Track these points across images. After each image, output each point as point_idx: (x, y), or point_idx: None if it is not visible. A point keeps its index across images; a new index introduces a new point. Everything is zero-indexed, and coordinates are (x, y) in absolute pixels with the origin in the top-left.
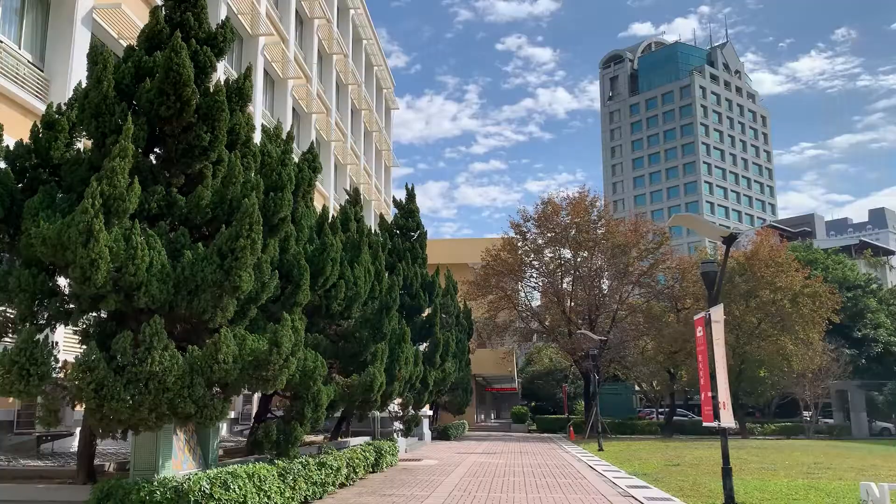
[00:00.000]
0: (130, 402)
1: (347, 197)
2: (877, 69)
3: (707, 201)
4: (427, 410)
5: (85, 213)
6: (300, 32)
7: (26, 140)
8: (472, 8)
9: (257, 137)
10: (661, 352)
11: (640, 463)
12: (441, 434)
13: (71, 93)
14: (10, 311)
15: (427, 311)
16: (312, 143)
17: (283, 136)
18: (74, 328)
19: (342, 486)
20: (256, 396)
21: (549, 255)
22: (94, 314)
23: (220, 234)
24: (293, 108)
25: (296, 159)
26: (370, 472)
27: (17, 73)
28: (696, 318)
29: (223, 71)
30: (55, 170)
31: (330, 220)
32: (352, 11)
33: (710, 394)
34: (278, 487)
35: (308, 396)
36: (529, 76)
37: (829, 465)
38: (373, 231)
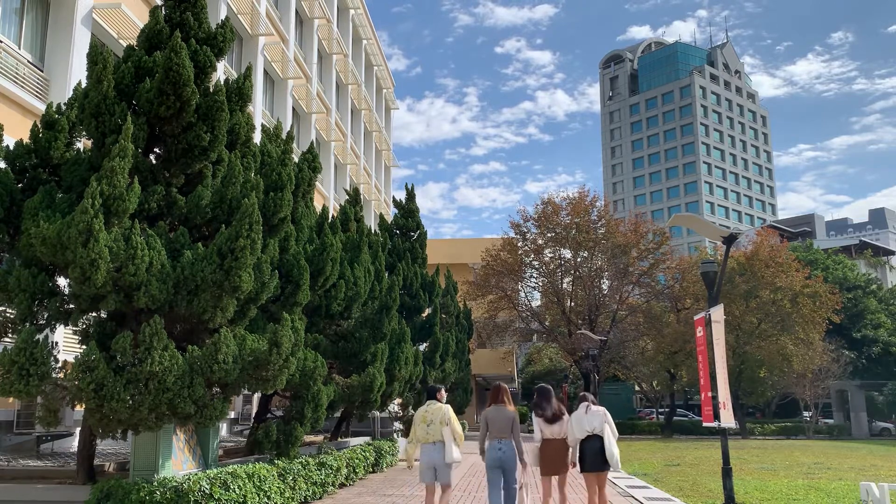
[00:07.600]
0: (130, 402)
1: (347, 197)
2: (873, 72)
3: (707, 201)
4: None
5: (85, 213)
6: (300, 32)
7: (26, 140)
8: (471, 13)
9: (257, 137)
10: (661, 352)
11: (639, 463)
12: None
13: (71, 93)
14: (10, 311)
15: (427, 311)
16: (312, 143)
17: (283, 136)
18: (74, 328)
19: (342, 486)
20: (256, 396)
21: (549, 255)
22: (94, 314)
23: (220, 234)
24: (293, 108)
25: (296, 159)
26: (370, 472)
27: (17, 73)
28: (696, 318)
29: (223, 71)
30: (55, 170)
31: (330, 220)
32: (352, 11)
33: (710, 394)
34: (278, 487)
35: (308, 396)
36: (529, 79)
37: (829, 465)
38: (373, 231)
